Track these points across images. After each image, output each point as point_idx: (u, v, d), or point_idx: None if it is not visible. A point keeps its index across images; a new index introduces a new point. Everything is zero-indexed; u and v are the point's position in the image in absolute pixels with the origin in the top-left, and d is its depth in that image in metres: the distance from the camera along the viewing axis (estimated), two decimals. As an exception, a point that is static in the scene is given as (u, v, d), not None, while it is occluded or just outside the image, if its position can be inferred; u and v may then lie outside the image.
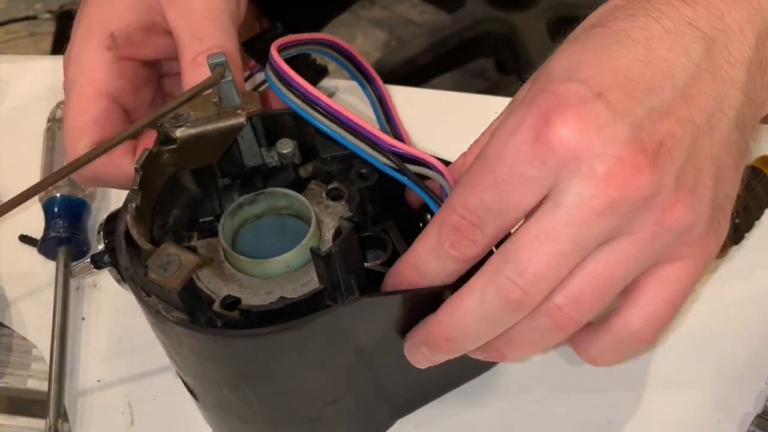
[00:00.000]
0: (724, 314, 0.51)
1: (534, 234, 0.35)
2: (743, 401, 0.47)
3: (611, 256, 0.36)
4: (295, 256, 0.40)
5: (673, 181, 0.35)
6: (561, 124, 0.34)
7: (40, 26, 1.54)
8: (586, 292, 0.36)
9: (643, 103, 0.35)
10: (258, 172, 0.44)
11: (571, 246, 0.35)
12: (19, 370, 0.52)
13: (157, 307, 0.38)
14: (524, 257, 0.35)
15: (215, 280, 0.40)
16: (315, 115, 0.41)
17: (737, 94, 0.37)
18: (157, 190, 0.42)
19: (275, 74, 0.42)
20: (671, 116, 0.36)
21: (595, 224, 0.35)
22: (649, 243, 0.36)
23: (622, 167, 0.34)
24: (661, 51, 0.36)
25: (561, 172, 0.35)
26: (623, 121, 0.35)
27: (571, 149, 0.34)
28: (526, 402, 0.48)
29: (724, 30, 0.37)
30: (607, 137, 0.34)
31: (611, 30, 0.37)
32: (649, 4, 0.37)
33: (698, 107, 0.36)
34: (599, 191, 0.34)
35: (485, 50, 1.31)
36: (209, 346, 0.38)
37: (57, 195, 0.56)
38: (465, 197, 0.36)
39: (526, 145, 0.35)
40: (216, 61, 0.41)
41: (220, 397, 0.42)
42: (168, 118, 0.41)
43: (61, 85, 0.50)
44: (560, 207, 0.35)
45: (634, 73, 0.36)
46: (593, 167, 0.34)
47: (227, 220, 0.42)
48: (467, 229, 0.36)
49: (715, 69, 0.37)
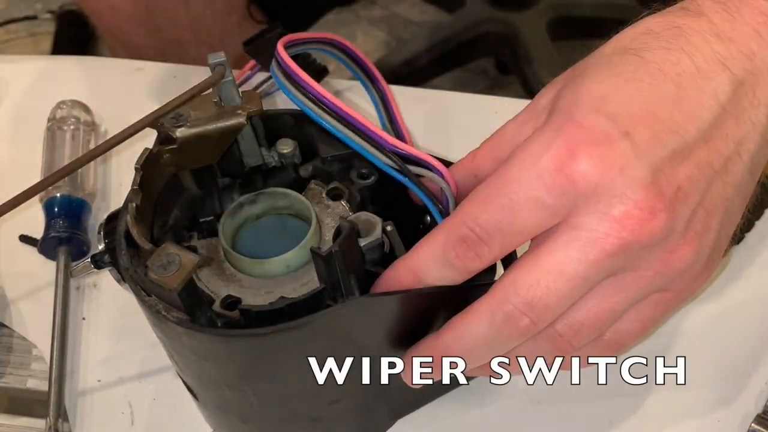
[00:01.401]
0: (724, 314, 0.51)
1: (547, 268, 0.36)
2: (744, 401, 0.47)
3: (614, 291, 0.37)
4: (295, 256, 0.40)
5: (684, 225, 0.36)
6: (585, 160, 0.35)
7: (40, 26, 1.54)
8: (587, 324, 0.38)
9: (666, 146, 0.36)
10: (258, 171, 0.44)
11: (580, 282, 0.36)
12: (20, 369, 0.51)
13: (158, 307, 0.38)
14: (536, 292, 0.36)
15: (215, 280, 0.40)
16: (319, 113, 0.41)
17: (756, 137, 0.38)
18: (158, 190, 0.42)
19: (282, 71, 0.42)
20: (691, 159, 0.36)
21: (605, 263, 0.36)
22: (652, 280, 0.37)
23: (639, 211, 0.35)
24: (691, 90, 0.36)
25: (578, 205, 0.35)
26: (645, 163, 0.35)
27: (591, 185, 0.35)
28: (526, 402, 0.48)
29: (753, 72, 0.37)
30: (628, 178, 0.35)
31: (645, 61, 0.37)
32: (683, 36, 0.37)
33: (718, 151, 0.37)
34: (613, 231, 0.35)
35: (485, 50, 1.31)
36: (209, 345, 0.38)
37: (57, 195, 0.56)
38: (478, 212, 0.37)
39: (548, 173, 0.35)
40: (216, 60, 0.41)
41: (220, 397, 0.42)
42: (168, 118, 0.41)
43: (61, 85, 0.50)
44: (574, 242, 0.35)
45: (663, 112, 0.36)
46: (611, 206, 0.35)
47: (227, 220, 0.42)
48: (475, 244, 0.37)
49: (738, 112, 0.37)
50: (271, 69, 0.43)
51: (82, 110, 0.62)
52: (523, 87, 1.23)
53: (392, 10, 1.51)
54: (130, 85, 0.66)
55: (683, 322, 0.50)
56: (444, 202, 0.42)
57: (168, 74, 0.67)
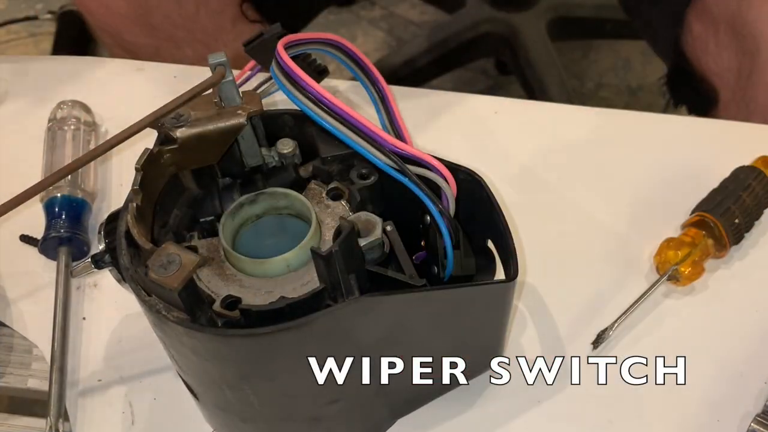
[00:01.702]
0: (723, 314, 0.51)
1: None
2: (743, 401, 0.47)
3: None
4: (296, 256, 0.40)
5: None
6: None
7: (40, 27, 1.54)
8: None
9: None
10: (258, 171, 0.44)
11: None
12: (20, 369, 0.52)
13: (158, 307, 0.38)
14: None
15: (216, 279, 0.40)
16: (320, 113, 0.41)
17: None
18: (158, 190, 0.42)
19: (281, 72, 0.42)
20: None
21: None
22: None
23: None
24: None
25: None
26: None
27: None
28: (525, 402, 0.48)
29: None
30: None
31: None
32: None
33: None
34: None
35: (485, 50, 1.31)
36: (209, 345, 0.38)
37: (58, 195, 0.56)
38: None
39: None
40: (217, 61, 0.41)
41: (220, 397, 0.42)
42: (169, 118, 0.41)
43: (62, 85, 0.50)
44: None
45: None
46: None
47: (228, 220, 0.42)
48: None
49: None
50: (271, 69, 0.43)
51: (83, 110, 0.62)
52: (522, 87, 1.24)
53: (392, 10, 1.51)
54: (130, 86, 0.66)
55: (683, 322, 0.51)
56: (444, 202, 0.42)
57: (168, 74, 0.67)
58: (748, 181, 0.53)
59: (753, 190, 0.52)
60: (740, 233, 0.52)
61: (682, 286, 0.51)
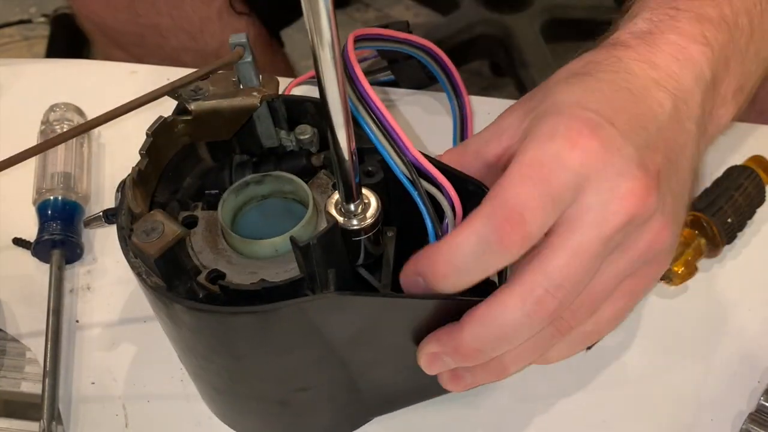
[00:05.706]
0: (716, 313, 0.51)
1: (572, 250, 0.37)
2: (736, 400, 0.47)
3: (608, 272, 0.39)
4: (284, 241, 0.40)
5: (663, 206, 0.39)
6: (592, 139, 0.37)
7: (34, 30, 1.54)
8: (585, 305, 0.39)
9: (641, 135, 0.39)
10: (273, 153, 0.45)
11: (598, 260, 0.38)
12: (13, 372, 0.51)
13: (140, 270, 0.39)
14: (565, 273, 0.37)
15: (207, 252, 0.41)
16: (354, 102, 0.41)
17: (692, 143, 0.42)
18: (167, 158, 0.43)
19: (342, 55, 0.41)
20: (658, 151, 0.39)
21: (613, 239, 0.37)
22: (636, 260, 0.39)
23: (640, 187, 0.37)
24: (643, 99, 0.40)
25: (584, 187, 0.37)
26: (633, 147, 0.38)
27: (600, 161, 0.37)
28: (522, 402, 0.48)
29: (680, 89, 0.42)
30: (624, 158, 0.37)
31: (598, 79, 0.41)
32: (622, 63, 0.42)
33: (671, 149, 0.40)
34: (621, 208, 0.37)
35: (480, 52, 1.31)
36: (176, 315, 0.38)
37: (50, 198, 0.56)
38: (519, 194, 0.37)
39: (565, 150, 0.37)
40: (237, 41, 0.41)
41: (196, 366, 0.43)
42: (187, 90, 0.42)
43: (55, 88, 0.50)
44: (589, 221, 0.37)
45: (628, 111, 0.39)
46: (618, 184, 0.37)
47: (230, 196, 0.42)
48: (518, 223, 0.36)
49: (678, 119, 0.41)
50: None
51: (76, 113, 0.62)
52: (517, 89, 1.23)
53: (386, 12, 1.51)
54: (123, 88, 0.66)
55: (676, 322, 0.51)
56: (444, 229, 0.41)
57: (161, 77, 0.67)
58: (741, 181, 0.53)
59: (745, 189, 0.52)
60: (733, 232, 0.52)
61: (675, 286, 0.51)
